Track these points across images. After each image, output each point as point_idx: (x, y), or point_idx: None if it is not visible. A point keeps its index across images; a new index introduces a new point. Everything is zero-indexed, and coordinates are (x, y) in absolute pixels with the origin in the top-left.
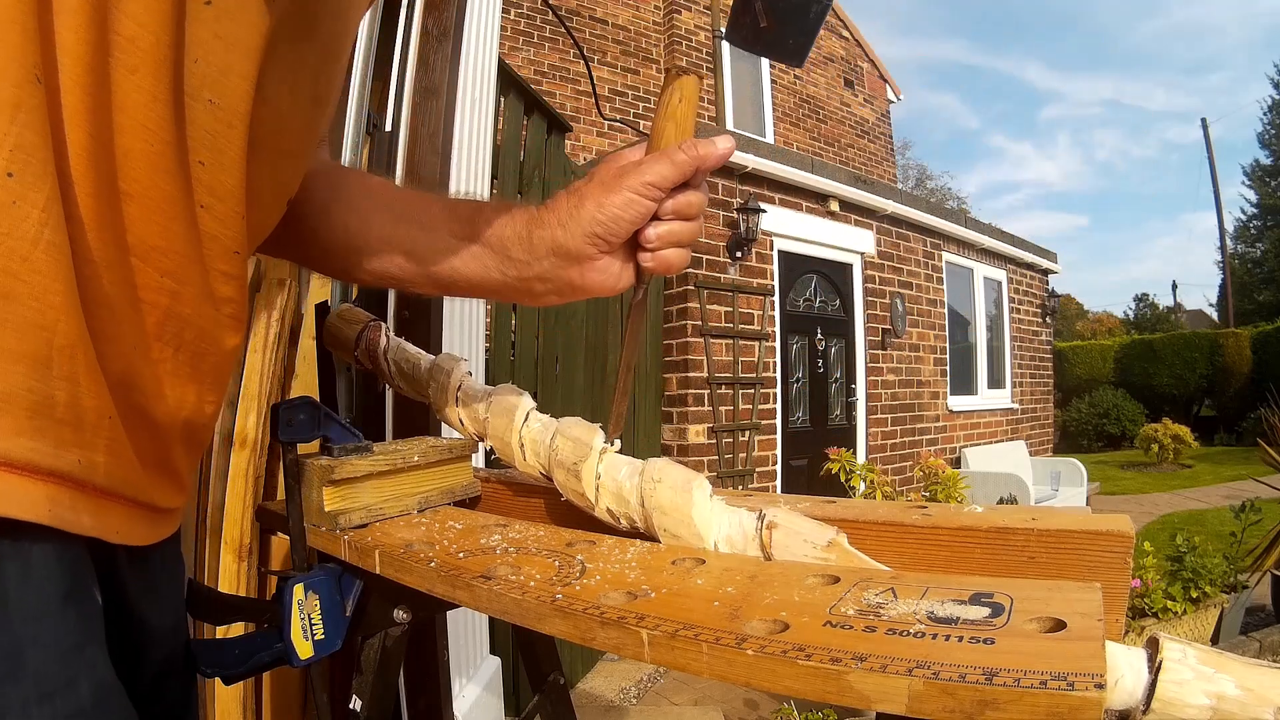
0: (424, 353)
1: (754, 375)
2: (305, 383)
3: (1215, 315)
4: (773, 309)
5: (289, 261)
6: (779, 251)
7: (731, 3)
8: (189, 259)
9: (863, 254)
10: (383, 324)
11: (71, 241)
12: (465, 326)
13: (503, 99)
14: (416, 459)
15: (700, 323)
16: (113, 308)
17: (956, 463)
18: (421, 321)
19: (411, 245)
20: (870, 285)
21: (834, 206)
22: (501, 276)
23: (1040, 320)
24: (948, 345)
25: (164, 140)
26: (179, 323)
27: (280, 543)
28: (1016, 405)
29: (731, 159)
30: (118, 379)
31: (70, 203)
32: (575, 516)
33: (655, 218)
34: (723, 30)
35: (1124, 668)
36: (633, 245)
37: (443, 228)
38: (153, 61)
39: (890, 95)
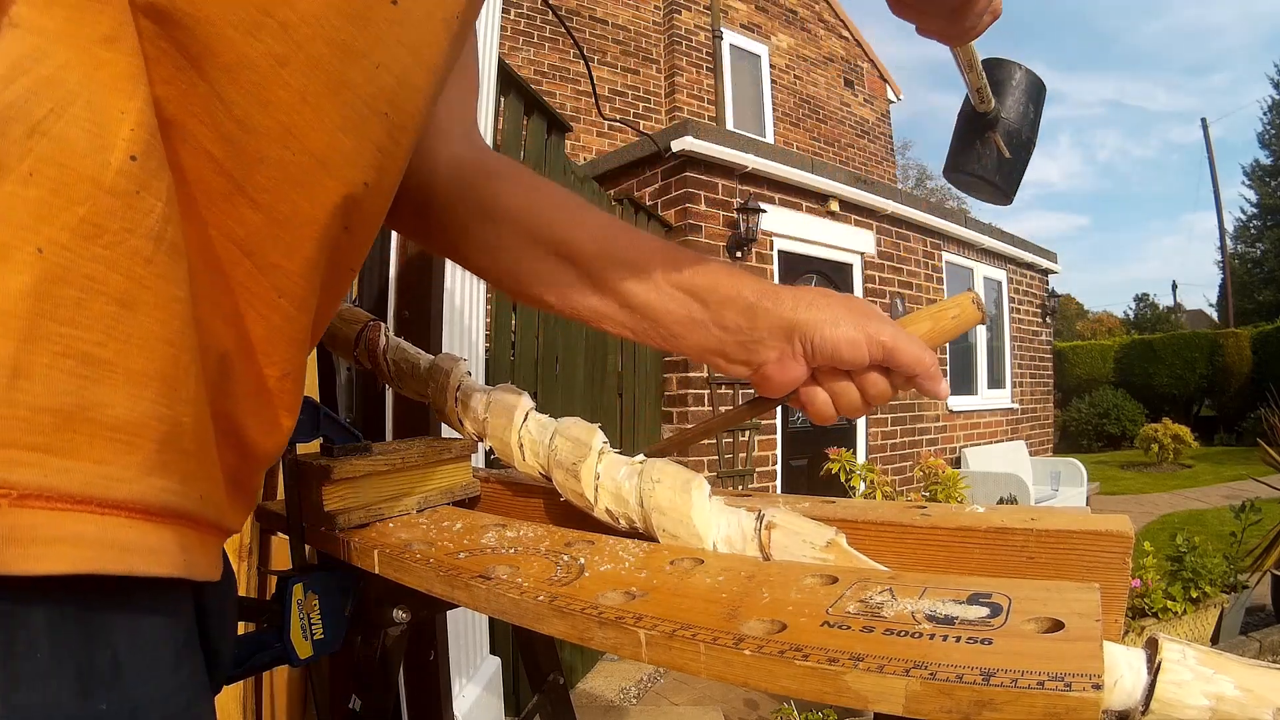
0: (423, 353)
1: None
2: (305, 383)
3: (1215, 315)
4: None
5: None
6: (779, 251)
7: (959, 140)
8: (308, 278)
9: (863, 254)
10: (382, 324)
11: (187, 241)
12: (465, 326)
13: (503, 99)
14: (416, 459)
15: None
16: (225, 318)
17: (956, 463)
18: (421, 321)
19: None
20: (870, 285)
21: (834, 206)
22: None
23: (1040, 320)
24: (947, 345)
25: (309, 153)
26: (282, 340)
27: (280, 543)
28: (1016, 405)
29: (731, 159)
30: (222, 399)
31: (187, 199)
32: (574, 516)
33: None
34: (945, 165)
35: (1123, 668)
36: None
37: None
38: (305, 57)
39: (890, 95)
